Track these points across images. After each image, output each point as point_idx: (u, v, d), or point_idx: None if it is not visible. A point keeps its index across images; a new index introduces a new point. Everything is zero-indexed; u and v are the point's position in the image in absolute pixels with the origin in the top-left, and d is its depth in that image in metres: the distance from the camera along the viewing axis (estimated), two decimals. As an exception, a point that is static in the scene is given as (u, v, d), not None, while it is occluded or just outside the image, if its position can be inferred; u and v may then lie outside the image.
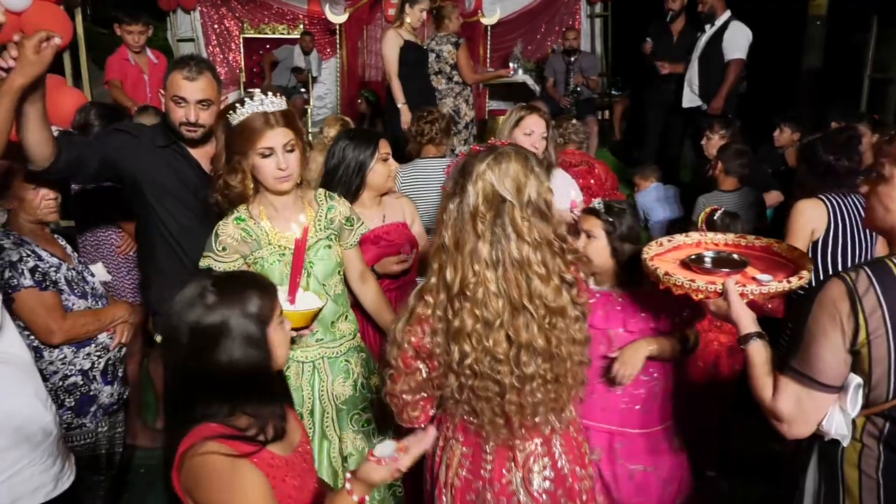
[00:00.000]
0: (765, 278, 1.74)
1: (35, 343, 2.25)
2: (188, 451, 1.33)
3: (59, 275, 2.29)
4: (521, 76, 7.14)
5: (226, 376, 1.37)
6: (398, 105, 5.15)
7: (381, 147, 2.60)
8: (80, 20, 5.05)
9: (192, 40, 7.74)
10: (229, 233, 2.05)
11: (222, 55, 7.91)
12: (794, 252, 1.90)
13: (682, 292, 1.73)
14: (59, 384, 2.31)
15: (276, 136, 1.98)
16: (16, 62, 1.83)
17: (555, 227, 1.59)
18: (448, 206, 1.59)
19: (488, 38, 7.62)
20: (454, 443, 1.75)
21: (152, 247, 2.53)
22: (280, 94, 2.03)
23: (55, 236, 2.49)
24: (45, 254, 2.29)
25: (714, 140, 4.46)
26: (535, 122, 2.85)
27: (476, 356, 1.58)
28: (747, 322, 1.60)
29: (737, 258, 1.87)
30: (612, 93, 8.30)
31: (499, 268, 1.55)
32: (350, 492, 1.45)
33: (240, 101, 2.00)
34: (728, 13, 5.53)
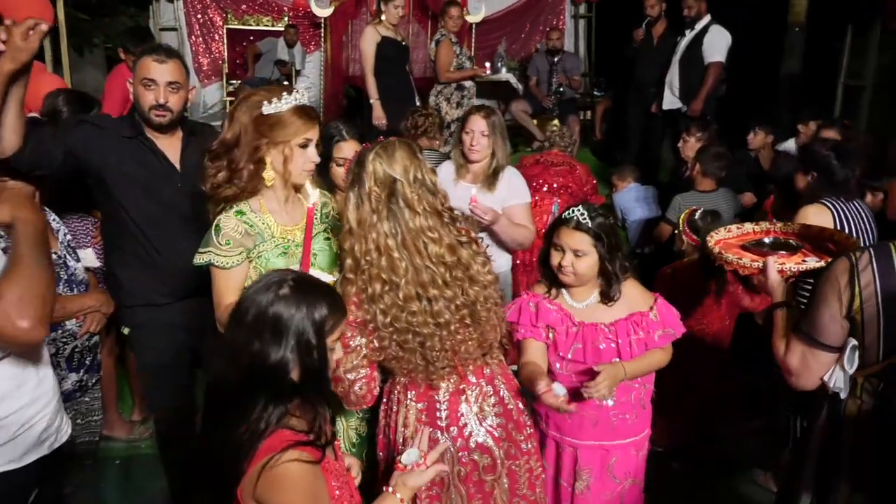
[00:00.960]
0: (811, 261, 1.99)
1: None
2: (269, 460, 1.32)
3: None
4: (505, 75, 7.14)
5: (277, 372, 1.39)
6: (371, 101, 5.15)
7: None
8: (61, 6, 4.99)
9: (174, 29, 7.64)
10: (232, 226, 1.99)
11: (205, 45, 7.82)
12: (849, 241, 2.08)
13: (731, 268, 2.06)
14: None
15: (315, 131, 2.05)
16: (5, 48, 1.87)
17: (441, 199, 1.85)
18: (349, 195, 1.83)
19: (473, 36, 7.63)
20: (410, 402, 1.93)
21: (117, 239, 2.50)
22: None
23: (49, 220, 2.44)
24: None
25: (691, 142, 4.51)
26: (474, 122, 3.05)
27: (393, 314, 1.79)
28: (778, 294, 1.91)
29: (793, 243, 2.12)
30: (595, 93, 8.37)
31: (398, 237, 1.79)
32: (394, 490, 1.55)
33: (266, 96, 1.97)
34: (708, 17, 5.62)
